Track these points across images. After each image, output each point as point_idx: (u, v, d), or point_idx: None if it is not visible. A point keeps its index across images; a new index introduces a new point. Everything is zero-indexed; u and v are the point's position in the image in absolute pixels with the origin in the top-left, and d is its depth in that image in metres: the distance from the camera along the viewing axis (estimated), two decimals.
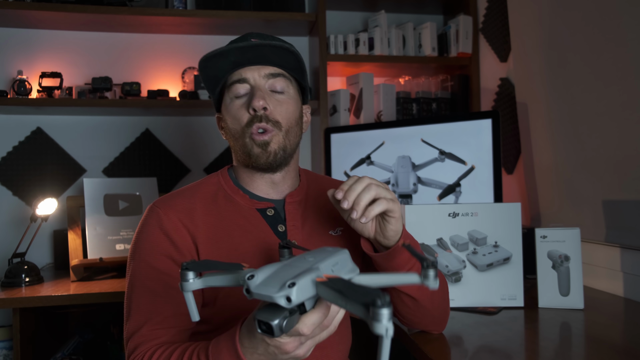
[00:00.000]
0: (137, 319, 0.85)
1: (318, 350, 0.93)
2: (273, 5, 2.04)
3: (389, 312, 0.48)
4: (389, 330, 0.48)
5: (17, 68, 2.02)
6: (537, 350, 0.95)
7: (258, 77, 0.93)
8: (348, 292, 0.52)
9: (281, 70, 0.95)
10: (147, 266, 0.88)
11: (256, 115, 0.91)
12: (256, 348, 0.67)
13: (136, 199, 1.88)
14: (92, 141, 2.10)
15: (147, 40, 2.14)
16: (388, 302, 0.49)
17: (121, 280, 1.70)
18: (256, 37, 0.93)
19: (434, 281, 0.59)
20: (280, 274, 0.59)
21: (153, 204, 0.95)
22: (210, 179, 1.01)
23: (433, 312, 0.96)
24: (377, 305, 0.48)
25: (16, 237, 1.96)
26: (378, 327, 0.48)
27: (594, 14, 1.38)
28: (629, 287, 1.31)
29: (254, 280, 0.58)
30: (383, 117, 2.08)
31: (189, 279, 0.63)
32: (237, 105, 0.94)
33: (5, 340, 1.74)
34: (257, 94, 0.91)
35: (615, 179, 1.34)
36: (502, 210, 1.24)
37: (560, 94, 1.55)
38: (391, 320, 0.49)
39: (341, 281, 0.55)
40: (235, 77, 0.94)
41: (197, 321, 0.87)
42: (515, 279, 1.23)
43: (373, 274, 0.64)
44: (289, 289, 0.55)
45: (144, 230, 0.91)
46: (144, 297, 0.86)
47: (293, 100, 0.97)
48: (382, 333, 0.48)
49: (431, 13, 2.33)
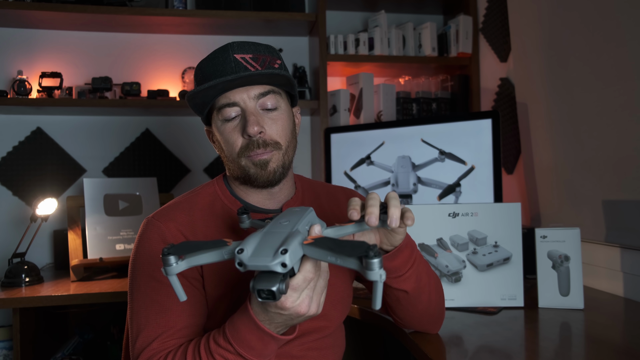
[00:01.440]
0: (147, 334, 0.83)
1: (316, 351, 0.95)
2: (273, 5, 2.04)
3: (379, 260, 0.56)
4: (382, 275, 0.56)
5: (17, 68, 2.02)
6: (537, 350, 0.95)
7: (247, 98, 0.90)
8: (338, 249, 0.59)
9: (270, 87, 0.92)
10: (153, 280, 0.86)
11: (252, 141, 0.89)
12: (273, 319, 0.70)
13: (136, 199, 1.88)
14: (92, 141, 2.10)
15: (147, 40, 2.14)
16: (377, 252, 0.56)
17: (121, 280, 1.70)
18: (238, 51, 0.89)
19: (377, 273, 0.58)
20: (267, 242, 0.62)
21: (151, 217, 0.92)
22: (207, 189, 0.99)
23: (428, 309, 0.95)
24: (369, 257, 0.55)
25: (16, 237, 1.96)
26: (372, 275, 0.56)
27: (593, 15, 1.39)
28: (629, 287, 1.31)
29: (244, 254, 0.61)
30: (383, 117, 2.08)
31: (171, 263, 0.64)
32: (229, 128, 0.91)
33: (5, 340, 1.74)
34: (251, 119, 0.88)
35: (615, 179, 1.34)
36: (502, 210, 1.24)
37: (560, 94, 1.55)
38: (382, 266, 0.56)
39: (327, 240, 0.61)
40: (224, 100, 0.90)
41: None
42: (515, 279, 1.23)
43: (337, 227, 0.73)
44: (283, 255, 0.59)
45: (146, 245, 0.89)
46: (153, 312, 0.85)
47: (286, 114, 0.94)
48: (376, 279, 0.56)
49: (431, 13, 2.33)
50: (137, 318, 0.86)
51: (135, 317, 0.86)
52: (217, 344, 0.75)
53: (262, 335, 0.72)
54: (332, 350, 0.99)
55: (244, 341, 0.73)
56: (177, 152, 2.17)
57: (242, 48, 0.90)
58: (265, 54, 0.92)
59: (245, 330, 0.72)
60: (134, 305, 0.87)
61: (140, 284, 0.87)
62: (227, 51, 0.90)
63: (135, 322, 0.86)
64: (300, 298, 0.66)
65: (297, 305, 0.66)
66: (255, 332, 0.72)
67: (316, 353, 0.95)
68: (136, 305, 0.87)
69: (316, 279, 0.68)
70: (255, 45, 0.92)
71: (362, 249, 0.57)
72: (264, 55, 0.91)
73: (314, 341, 0.95)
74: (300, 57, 2.24)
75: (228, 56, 0.89)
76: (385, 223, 0.73)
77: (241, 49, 0.90)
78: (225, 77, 0.85)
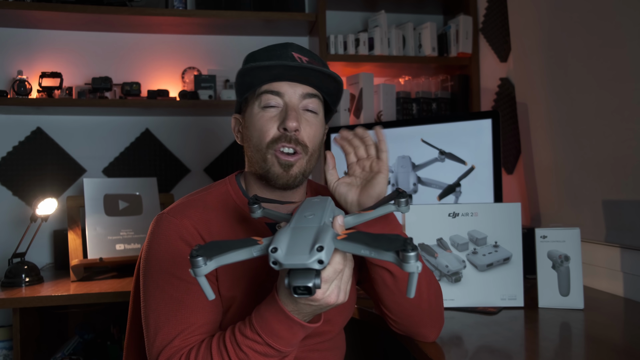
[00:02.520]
0: (168, 332, 0.82)
1: (317, 352, 0.96)
2: (273, 5, 2.04)
3: (416, 253, 0.58)
4: (419, 267, 0.58)
5: (17, 68, 2.02)
6: (537, 350, 0.95)
7: (294, 94, 0.90)
8: (374, 244, 0.60)
9: (317, 91, 0.92)
10: (173, 277, 0.85)
11: (286, 135, 0.88)
12: (301, 309, 0.72)
13: (136, 199, 1.88)
14: (92, 141, 2.10)
15: (147, 40, 2.14)
16: (414, 245, 0.59)
17: (121, 280, 1.70)
18: (297, 51, 0.90)
19: (405, 207, 0.74)
20: (299, 239, 0.63)
21: (165, 213, 0.91)
22: (219, 188, 0.97)
23: (419, 304, 0.91)
24: (407, 250, 0.58)
25: (16, 237, 1.96)
26: (409, 267, 0.58)
27: (592, 16, 1.39)
28: (629, 287, 1.31)
29: (279, 253, 0.61)
30: (383, 117, 2.08)
31: (200, 265, 0.64)
32: (266, 117, 0.90)
33: (5, 340, 1.74)
34: (292, 114, 0.88)
35: (614, 179, 1.34)
36: (502, 210, 1.24)
37: (560, 95, 1.55)
38: (418, 259, 0.58)
39: (361, 234, 0.63)
40: (270, 87, 0.90)
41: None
42: (515, 279, 1.23)
43: (356, 214, 0.74)
44: (319, 252, 0.60)
45: (162, 241, 0.87)
46: (173, 309, 0.83)
47: (321, 123, 0.95)
48: (413, 271, 0.59)
49: (431, 13, 2.33)
50: (155, 316, 0.83)
51: (152, 315, 0.84)
52: (244, 335, 0.75)
53: (291, 324, 0.73)
54: (332, 352, 0.99)
55: (273, 331, 0.73)
56: (177, 152, 2.17)
57: (301, 50, 0.92)
58: (320, 62, 0.93)
59: (274, 321, 0.73)
60: (150, 304, 0.85)
61: (157, 281, 0.85)
62: (286, 47, 0.91)
63: (152, 320, 0.84)
64: (330, 289, 0.68)
65: (327, 296, 0.68)
66: (284, 322, 0.72)
67: (317, 355, 0.96)
68: (153, 303, 0.84)
69: (344, 269, 0.69)
70: (312, 53, 0.94)
71: (399, 242, 0.59)
72: (319, 63, 0.92)
73: (316, 344, 0.95)
74: None
75: (287, 51, 0.90)
76: (402, 206, 0.75)
77: (299, 50, 0.92)
78: (287, 62, 0.86)
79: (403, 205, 0.74)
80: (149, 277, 0.87)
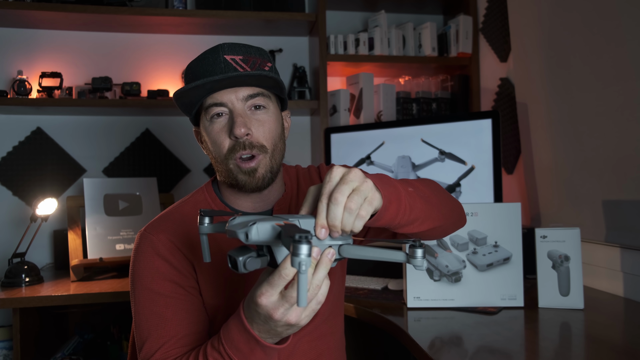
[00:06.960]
0: (150, 345, 0.85)
1: (315, 351, 0.95)
2: (273, 5, 2.04)
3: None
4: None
5: (17, 68, 2.02)
6: (537, 350, 0.95)
7: (236, 100, 0.88)
8: (284, 231, 0.57)
9: (259, 89, 0.90)
10: (152, 293, 0.88)
11: (238, 142, 0.88)
12: (262, 326, 0.70)
13: (136, 199, 1.88)
14: (92, 141, 2.10)
15: (147, 40, 2.14)
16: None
17: (121, 280, 1.70)
18: (229, 52, 0.88)
19: (421, 260, 0.63)
20: (264, 220, 0.64)
21: (144, 230, 0.93)
22: (196, 197, 0.98)
23: (452, 215, 0.87)
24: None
25: (16, 237, 1.96)
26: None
27: (593, 15, 1.39)
28: (629, 287, 1.31)
29: (233, 220, 0.65)
30: (383, 117, 2.08)
31: (204, 222, 0.70)
32: (216, 129, 0.90)
33: (5, 340, 1.74)
34: (238, 120, 0.87)
35: (615, 179, 1.34)
36: (502, 210, 1.24)
37: (560, 94, 1.55)
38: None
39: (293, 226, 0.59)
40: (212, 100, 0.89)
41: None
42: (515, 279, 1.23)
43: (361, 247, 0.66)
44: (249, 227, 0.61)
45: (141, 259, 0.90)
46: (154, 323, 0.86)
47: (274, 116, 0.92)
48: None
49: (431, 13, 2.33)
50: (140, 330, 0.88)
51: (138, 329, 0.88)
52: (212, 346, 0.76)
53: (248, 337, 0.71)
54: (333, 354, 1.00)
55: (233, 341, 0.73)
56: (177, 152, 2.17)
57: (233, 49, 0.89)
58: (255, 56, 0.91)
59: (235, 330, 0.72)
60: (135, 318, 0.89)
61: (139, 296, 0.89)
62: (217, 52, 0.89)
63: (138, 333, 0.88)
64: (284, 307, 0.65)
65: (288, 314, 0.66)
66: (244, 333, 0.72)
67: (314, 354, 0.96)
68: (137, 318, 0.88)
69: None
70: (246, 47, 0.91)
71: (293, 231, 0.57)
72: (255, 57, 0.90)
73: (312, 328, 0.95)
74: (300, 57, 2.24)
75: (218, 57, 0.88)
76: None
77: (232, 50, 0.89)
78: (213, 77, 0.84)
79: (419, 258, 0.62)
80: (133, 293, 0.91)
